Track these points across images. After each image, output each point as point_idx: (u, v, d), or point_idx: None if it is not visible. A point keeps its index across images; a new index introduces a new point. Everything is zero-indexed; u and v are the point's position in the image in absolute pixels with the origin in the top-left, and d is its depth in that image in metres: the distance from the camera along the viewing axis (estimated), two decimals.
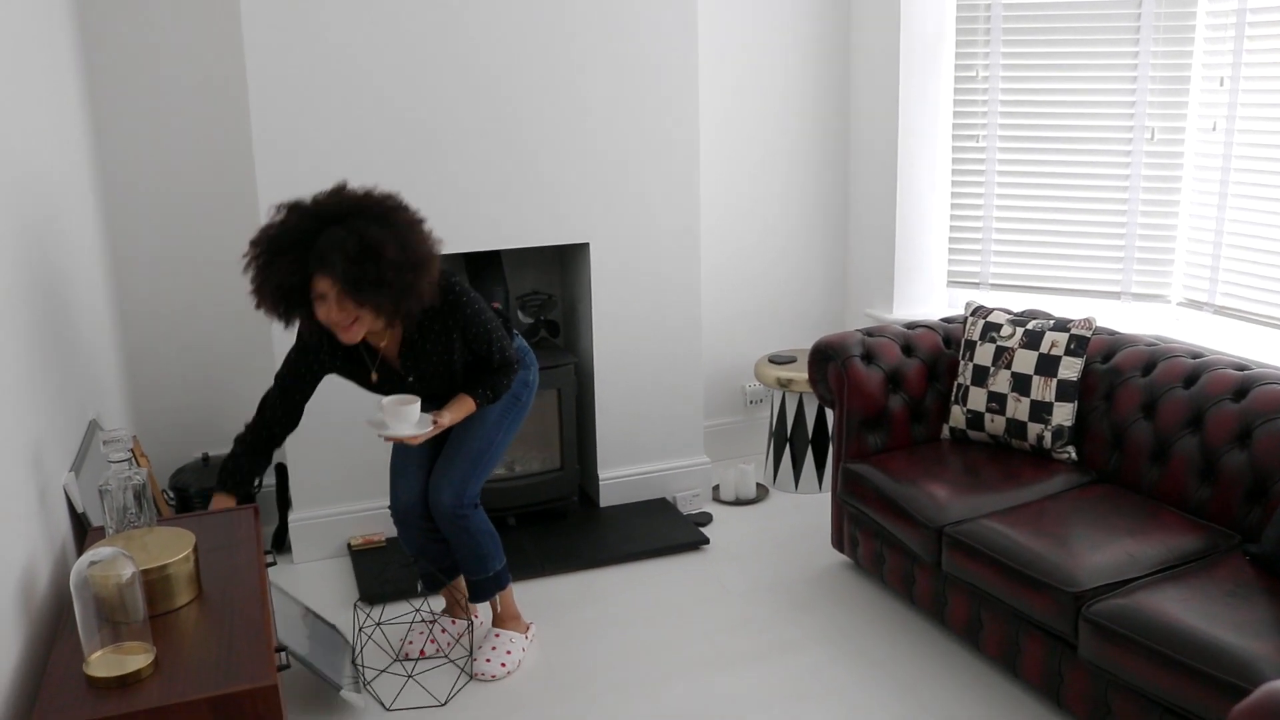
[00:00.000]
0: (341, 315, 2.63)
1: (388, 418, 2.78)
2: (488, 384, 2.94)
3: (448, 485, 3.02)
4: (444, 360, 2.88)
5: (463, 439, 3.02)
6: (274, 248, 2.60)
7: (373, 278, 2.56)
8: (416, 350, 2.86)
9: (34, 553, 2.09)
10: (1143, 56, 3.77)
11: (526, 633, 3.25)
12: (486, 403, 2.95)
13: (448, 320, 2.84)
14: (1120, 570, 2.70)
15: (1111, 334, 3.42)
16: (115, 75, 3.66)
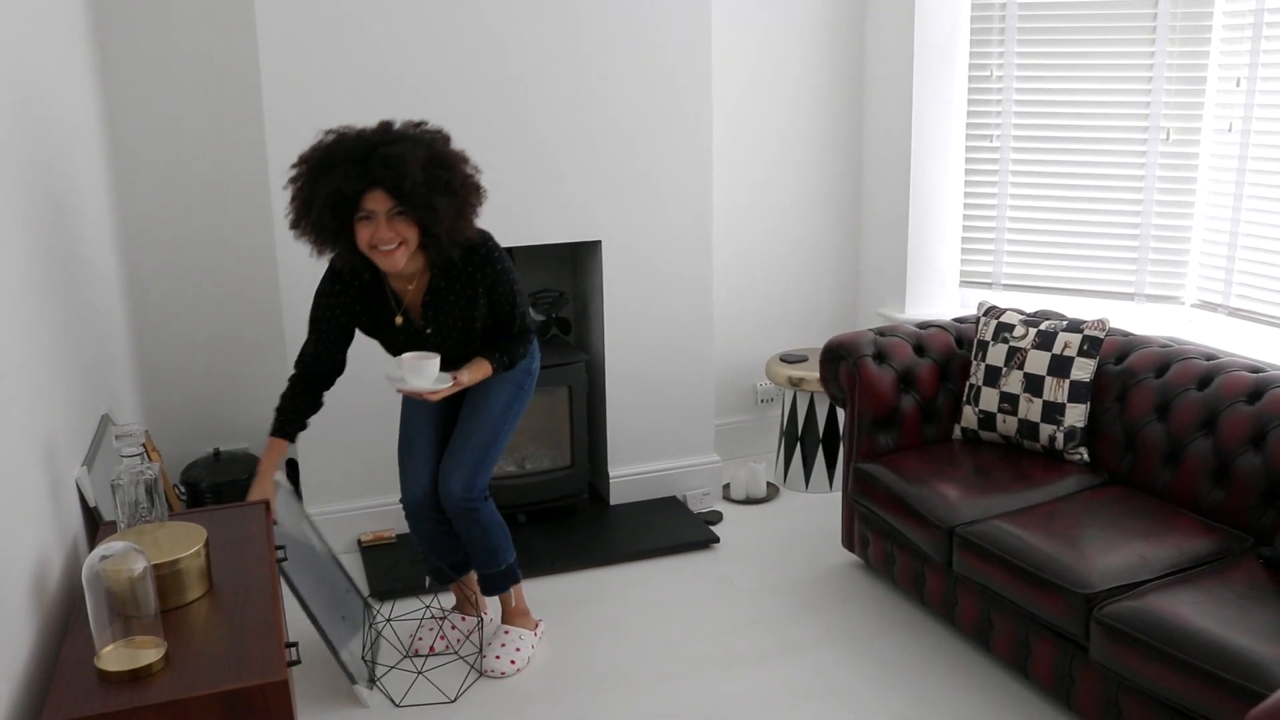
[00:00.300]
0: (389, 234, 2.63)
1: (406, 372, 2.78)
2: (504, 349, 2.93)
3: (457, 477, 3.01)
4: (465, 316, 2.87)
5: (469, 431, 3.01)
6: (328, 160, 2.59)
7: (439, 186, 2.58)
8: (440, 300, 2.85)
9: (46, 547, 2.09)
10: (1159, 56, 3.75)
11: (535, 629, 3.25)
12: (502, 369, 2.94)
13: (476, 273, 2.83)
14: (1132, 572, 2.69)
15: (1125, 335, 3.40)
16: (128, 68, 3.67)
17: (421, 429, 3.08)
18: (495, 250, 2.85)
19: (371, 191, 2.59)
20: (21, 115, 2.31)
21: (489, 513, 3.08)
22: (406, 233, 2.65)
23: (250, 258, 3.92)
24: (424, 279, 2.85)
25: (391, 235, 2.63)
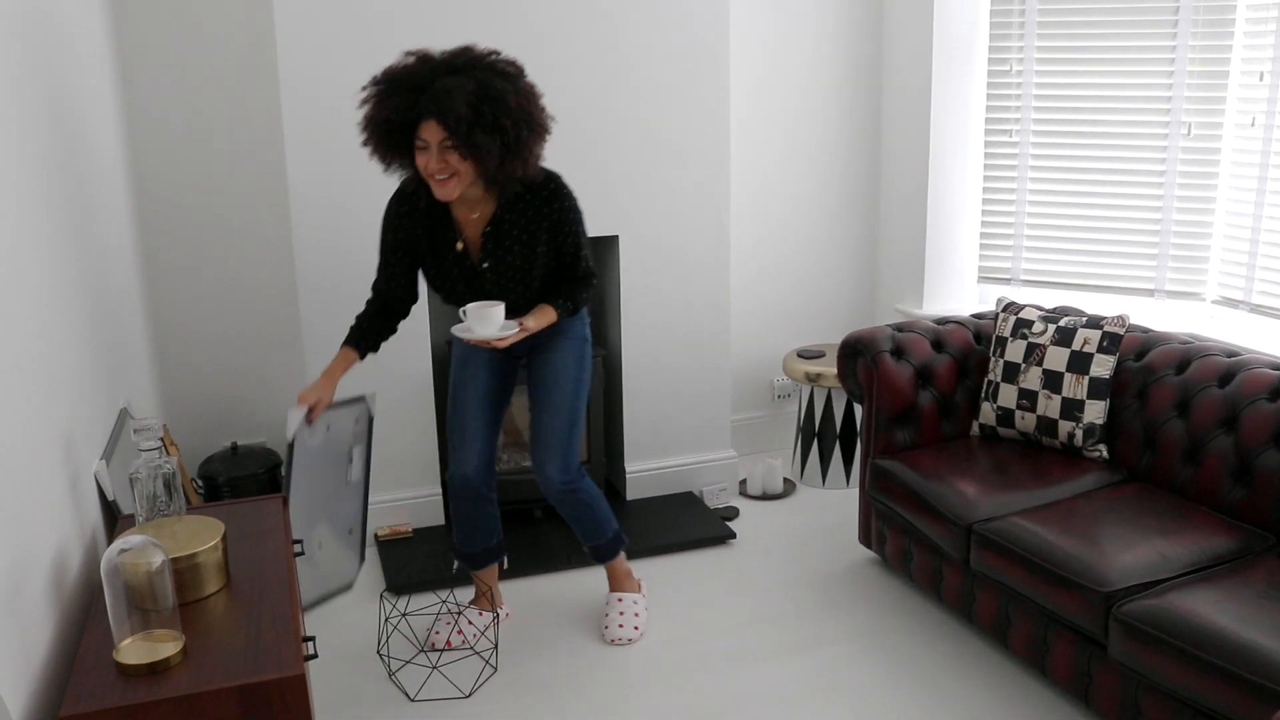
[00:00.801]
0: (440, 166, 2.65)
1: (471, 321, 2.79)
2: (567, 294, 2.93)
3: (553, 465, 3.03)
4: (525, 255, 2.86)
5: (548, 420, 3.02)
6: (390, 86, 2.65)
7: (486, 124, 2.59)
8: (501, 234, 2.85)
9: (65, 540, 2.10)
10: (1180, 50, 3.72)
11: (640, 589, 3.31)
12: (566, 314, 2.94)
13: (542, 208, 2.84)
14: (1152, 570, 2.67)
15: (1145, 332, 3.38)
16: (147, 60, 3.68)
17: (473, 407, 3.08)
18: (563, 188, 2.86)
19: (426, 121, 2.62)
20: (46, 111, 2.32)
21: (589, 488, 3.12)
22: (458, 165, 2.67)
23: (268, 252, 3.93)
24: (487, 210, 2.85)
25: (442, 166, 2.67)
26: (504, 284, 2.91)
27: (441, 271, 2.93)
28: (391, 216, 2.93)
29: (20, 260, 1.99)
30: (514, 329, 2.81)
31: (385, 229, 2.95)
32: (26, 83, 2.20)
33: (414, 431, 3.83)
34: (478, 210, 2.85)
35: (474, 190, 2.79)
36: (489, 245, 2.87)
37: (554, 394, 3.02)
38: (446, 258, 2.90)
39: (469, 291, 2.93)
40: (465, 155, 2.65)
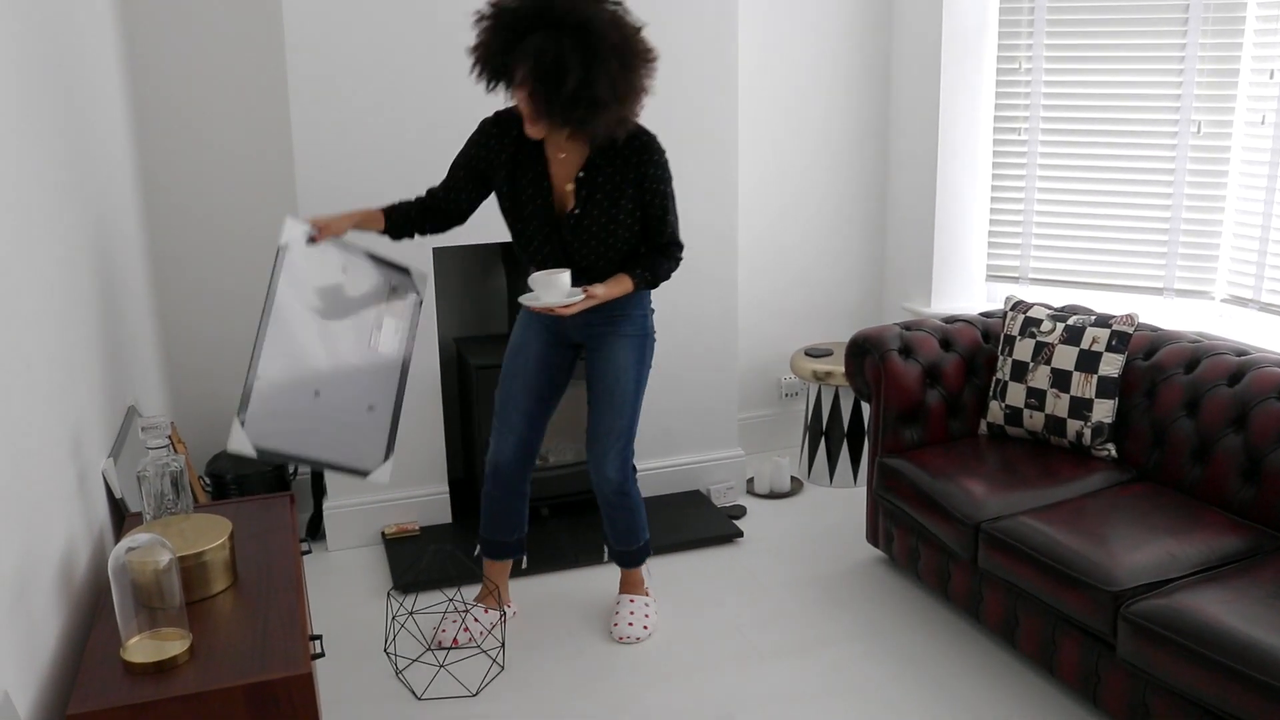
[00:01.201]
0: (528, 108, 2.70)
1: (537, 287, 2.77)
2: (647, 264, 2.92)
3: (611, 464, 3.06)
4: (609, 208, 2.85)
5: (610, 420, 3.03)
6: (496, 22, 2.69)
7: (551, 92, 2.62)
8: (592, 179, 2.85)
9: (73, 538, 2.11)
10: (1190, 48, 3.70)
11: (649, 595, 3.35)
12: (644, 285, 2.92)
13: (632, 158, 2.84)
14: (1160, 570, 2.66)
15: (1154, 330, 3.37)
16: (157, 70, 3.69)
17: (516, 397, 3.08)
18: (653, 144, 2.87)
19: (517, 66, 2.66)
20: (58, 110, 2.32)
21: (637, 492, 3.17)
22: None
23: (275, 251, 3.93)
24: (578, 155, 2.86)
25: (528, 109, 2.71)
26: (584, 237, 2.88)
27: (519, 210, 2.90)
28: (480, 133, 2.93)
29: (30, 257, 1.99)
30: (579, 296, 2.79)
31: (469, 142, 2.95)
32: (41, 81, 2.20)
33: (422, 430, 3.83)
34: (566, 151, 2.86)
35: (565, 132, 2.80)
36: (581, 192, 2.86)
37: (614, 393, 3.02)
38: (525, 196, 2.88)
39: (545, 242, 2.90)
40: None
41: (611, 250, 2.90)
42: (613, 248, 2.89)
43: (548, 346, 3.06)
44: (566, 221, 2.88)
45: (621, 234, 2.89)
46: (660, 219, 2.92)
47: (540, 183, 2.88)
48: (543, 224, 2.89)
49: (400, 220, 2.94)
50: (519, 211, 2.91)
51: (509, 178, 2.90)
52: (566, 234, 2.88)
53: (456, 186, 2.95)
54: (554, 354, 3.07)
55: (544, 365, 3.07)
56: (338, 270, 2.80)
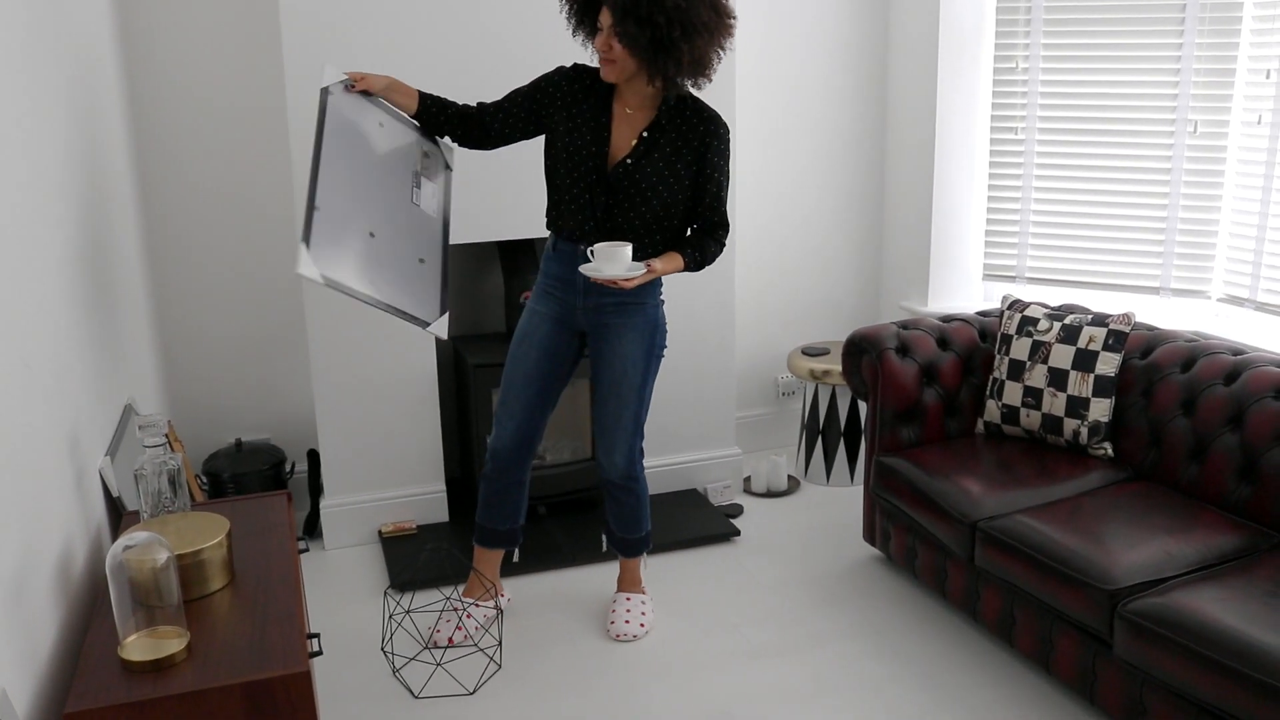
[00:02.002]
0: (605, 48, 2.80)
1: (599, 259, 2.80)
2: (696, 244, 2.99)
3: (620, 453, 3.12)
4: (663, 169, 2.91)
5: (618, 410, 3.07)
6: None
7: (640, 15, 2.69)
8: (654, 139, 2.91)
9: (70, 536, 2.10)
10: (1187, 48, 3.71)
11: (646, 594, 3.37)
12: (693, 265, 2.98)
13: (699, 126, 2.93)
14: (1157, 568, 2.67)
15: (1150, 329, 3.37)
16: (154, 70, 3.68)
17: (518, 385, 3.10)
18: (723, 124, 2.95)
19: (605, 7, 2.77)
20: (56, 109, 2.32)
21: (644, 483, 3.23)
22: (620, 54, 2.79)
23: (274, 248, 3.93)
24: (645, 114, 2.93)
25: (606, 49, 2.80)
26: (629, 190, 2.91)
27: (571, 153, 2.92)
28: (554, 72, 2.99)
29: (29, 256, 1.99)
30: (641, 270, 2.83)
31: (539, 78, 3.00)
32: (39, 84, 2.20)
33: (419, 428, 3.83)
34: (636, 107, 2.92)
35: (644, 88, 2.89)
36: (641, 148, 2.91)
37: (622, 385, 3.05)
38: (582, 141, 2.91)
39: (586, 191, 2.93)
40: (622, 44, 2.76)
41: (649, 212, 2.93)
42: (651, 209, 2.93)
43: (554, 334, 3.07)
44: (616, 170, 2.91)
45: (664, 196, 2.92)
46: (715, 194, 2.99)
47: (600, 132, 2.92)
48: (589, 171, 2.92)
49: (435, 111, 2.97)
50: (571, 155, 2.93)
51: (569, 118, 2.95)
52: (612, 183, 2.91)
53: (509, 111, 2.99)
54: (560, 342, 3.08)
55: (549, 353, 3.08)
56: (375, 123, 2.86)
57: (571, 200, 2.95)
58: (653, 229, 2.95)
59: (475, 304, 4.16)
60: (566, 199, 2.96)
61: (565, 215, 2.97)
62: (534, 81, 3.00)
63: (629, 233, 2.93)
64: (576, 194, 2.93)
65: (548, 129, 2.99)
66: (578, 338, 3.11)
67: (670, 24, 2.71)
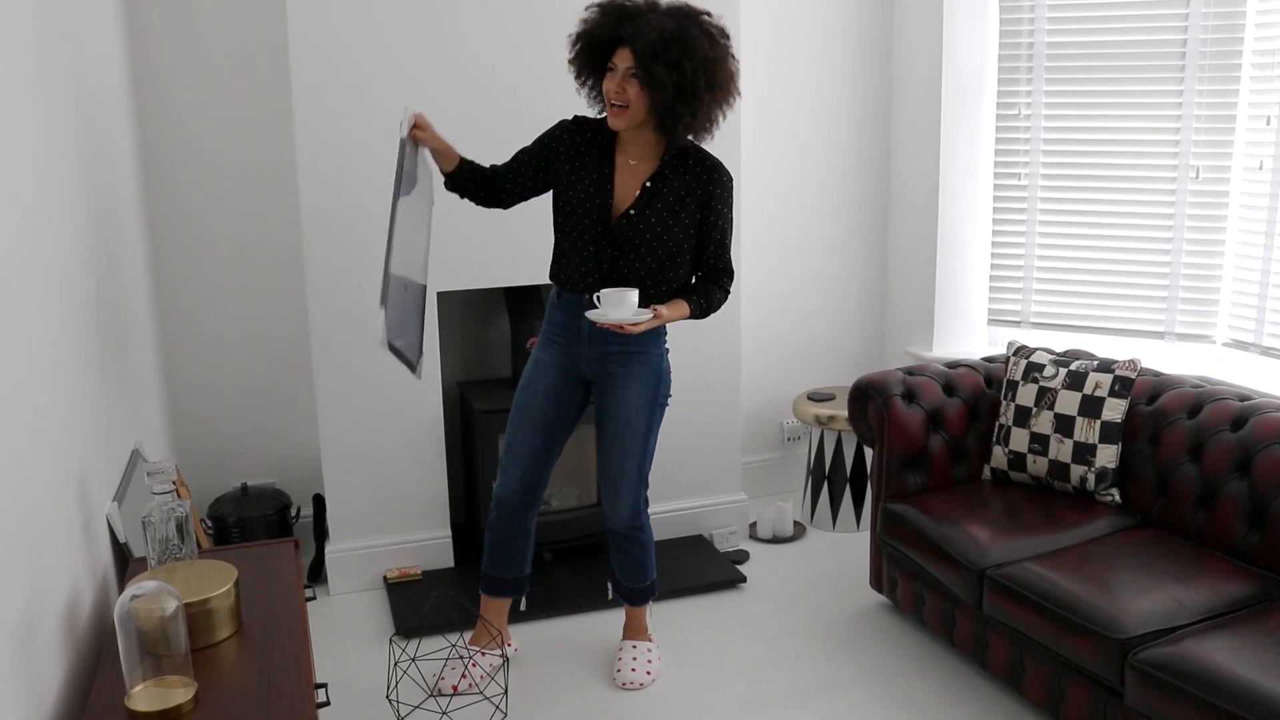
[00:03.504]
0: (618, 92, 2.81)
1: (606, 304, 2.81)
2: (701, 292, 3.00)
3: (625, 503, 3.11)
4: (667, 218, 2.91)
5: (621, 459, 3.07)
6: (605, 9, 2.84)
7: (669, 60, 2.72)
8: (658, 188, 2.92)
9: (78, 583, 2.10)
10: (1187, 95, 3.74)
11: (652, 641, 3.34)
12: (699, 313, 2.99)
13: (702, 175, 2.95)
14: (1168, 617, 2.65)
15: (1156, 375, 3.37)
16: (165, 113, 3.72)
17: (523, 433, 3.09)
18: (726, 173, 2.99)
19: (621, 48, 2.79)
20: (64, 151, 2.34)
21: (649, 531, 3.21)
22: (634, 98, 2.80)
23: (281, 293, 3.94)
24: (648, 164, 2.94)
25: (620, 93, 2.81)
26: (633, 240, 2.92)
27: (574, 205, 2.93)
28: (556, 128, 3.01)
29: (38, 302, 2.00)
30: (647, 315, 2.84)
31: (544, 135, 3.02)
32: (51, 131, 2.22)
33: (424, 473, 3.82)
34: (638, 158, 2.94)
35: (647, 138, 2.91)
36: (644, 198, 2.92)
37: (626, 434, 3.05)
38: (585, 193, 2.92)
39: (591, 243, 2.94)
40: (642, 87, 2.77)
41: (653, 262, 2.94)
42: (656, 258, 2.93)
43: (559, 382, 3.07)
44: (620, 222, 2.92)
45: (669, 246, 2.93)
46: (719, 242, 3.01)
47: (604, 184, 2.94)
48: (593, 223, 2.93)
49: (466, 175, 3.01)
50: (574, 207, 2.94)
51: (572, 171, 2.96)
52: (616, 234, 2.92)
53: (517, 172, 3.01)
54: (565, 390, 3.08)
55: (554, 401, 3.08)
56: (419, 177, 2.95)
57: (576, 251, 2.96)
58: (658, 278, 2.96)
59: (482, 350, 4.17)
60: (572, 251, 2.97)
61: (569, 266, 2.99)
62: (538, 139, 3.02)
63: (634, 282, 2.94)
64: (581, 245, 2.95)
65: (553, 184, 3.01)
66: (583, 386, 3.11)
67: (696, 73, 2.75)
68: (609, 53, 2.84)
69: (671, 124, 2.82)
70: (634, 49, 2.74)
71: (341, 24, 3.46)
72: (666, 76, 2.73)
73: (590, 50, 2.87)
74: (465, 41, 3.59)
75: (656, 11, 2.80)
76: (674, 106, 2.78)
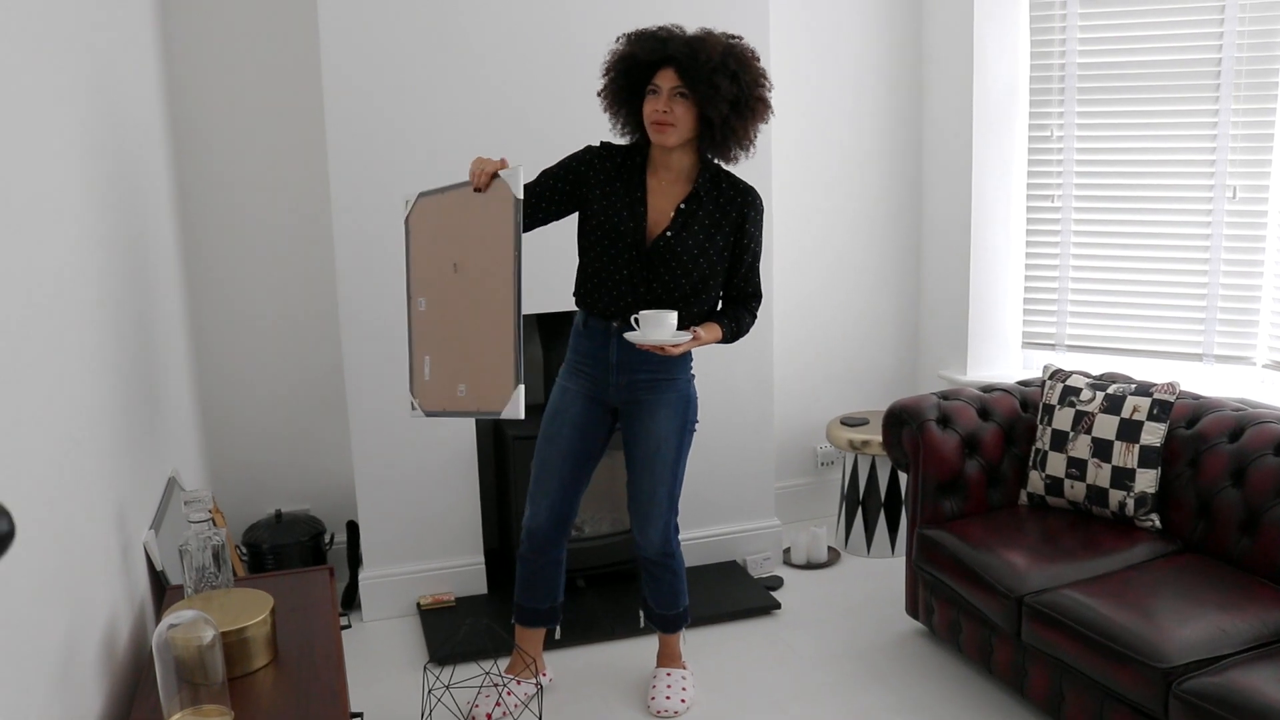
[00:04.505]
0: (664, 110, 2.81)
1: (645, 325, 2.81)
2: (733, 316, 3.01)
3: (655, 529, 3.10)
4: (703, 240, 2.91)
5: (652, 486, 3.06)
6: (642, 34, 2.86)
7: (728, 72, 2.75)
8: (692, 211, 2.92)
9: (115, 610, 2.11)
10: (1223, 114, 3.71)
11: (687, 669, 3.33)
12: (730, 336, 2.99)
13: (736, 199, 2.96)
14: (1212, 646, 2.60)
15: (1196, 398, 3.33)
16: (200, 141, 3.77)
17: (553, 463, 3.08)
18: (759, 197, 3.00)
19: (664, 69, 2.80)
20: (100, 183, 2.37)
21: (681, 558, 3.20)
22: (681, 115, 2.81)
23: (315, 320, 3.97)
24: (681, 187, 2.95)
25: (667, 110, 2.81)
26: (669, 263, 2.91)
27: (608, 228, 2.92)
28: (585, 151, 3.00)
29: (78, 334, 2.02)
30: (687, 337, 2.84)
31: (570, 157, 3.00)
32: (87, 155, 2.25)
33: (457, 500, 3.83)
34: (671, 181, 2.95)
35: (681, 160, 2.92)
36: (679, 220, 2.92)
37: (655, 461, 3.04)
38: (619, 217, 2.91)
39: (624, 267, 2.93)
40: (695, 103, 2.79)
41: (688, 284, 2.93)
42: (691, 281, 2.93)
43: (587, 411, 3.06)
44: (656, 244, 2.91)
45: (704, 269, 2.93)
46: (751, 265, 3.01)
47: (636, 207, 2.93)
48: (627, 247, 2.92)
49: None
50: (607, 231, 2.92)
51: (603, 196, 2.95)
52: (652, 257, 2.91)
53: (542, 195, 2.98)
54: (593, 419, 3.07)
55: (583, 430, 3.07)
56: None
57: (608, 275, 2.95)
58: (690, 301, 2.95)
59: None
60: (603, 275, 2.96)
61: (600, 291, 2.97)
62: (564, 162, 3.00)
63: (667, 305, 2.94)
64: (614, 269, 2.94)
65: (582, 207, 3.00)
66: (610, 413, 3.11)
67: (751, 84, 2.80)
68: (648, 76, 2.85)
69: (722, 138, 2.84)
70: (688, 66, 2.75)
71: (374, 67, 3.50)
72: (728, 88, 2.75)
73: (630, 74, 2.88)
74: (496, 81, 3.62)
75: (694, 34, 2.83)
76: (728, 119, 2.80)
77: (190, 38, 3.69)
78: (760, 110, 2.86)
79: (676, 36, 2.82)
